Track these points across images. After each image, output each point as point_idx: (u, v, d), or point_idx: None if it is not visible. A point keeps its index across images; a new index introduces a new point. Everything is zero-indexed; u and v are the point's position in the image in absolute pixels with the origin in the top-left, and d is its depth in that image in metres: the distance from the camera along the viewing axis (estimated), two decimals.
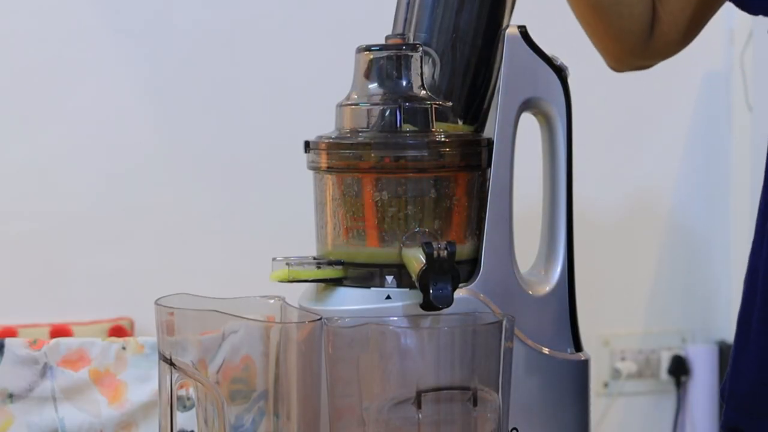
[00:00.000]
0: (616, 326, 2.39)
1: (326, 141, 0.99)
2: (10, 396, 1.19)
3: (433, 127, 0.99)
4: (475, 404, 0.91)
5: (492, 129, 1.01)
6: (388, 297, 0.97)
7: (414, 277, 0.94)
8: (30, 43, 2.12)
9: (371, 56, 1.00)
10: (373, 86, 1.00)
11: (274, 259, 0.99)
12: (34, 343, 1.19)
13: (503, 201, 1.00)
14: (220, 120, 2.19)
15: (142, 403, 1.20)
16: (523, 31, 1.02)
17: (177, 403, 0.96)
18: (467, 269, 0.99)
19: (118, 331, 2.10)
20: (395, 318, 0.96)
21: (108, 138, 2.14)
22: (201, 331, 0.94)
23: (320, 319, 0.94)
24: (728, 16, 2.16)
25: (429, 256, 0.92)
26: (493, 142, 1.00)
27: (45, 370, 1.19)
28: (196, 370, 0.94)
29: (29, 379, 1.19)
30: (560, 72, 1.02)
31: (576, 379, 1.02)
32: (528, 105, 1.02)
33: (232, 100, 2.19)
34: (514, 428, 0.98)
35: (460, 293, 0.95)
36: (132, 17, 2.15)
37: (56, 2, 2.13)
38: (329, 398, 0.94)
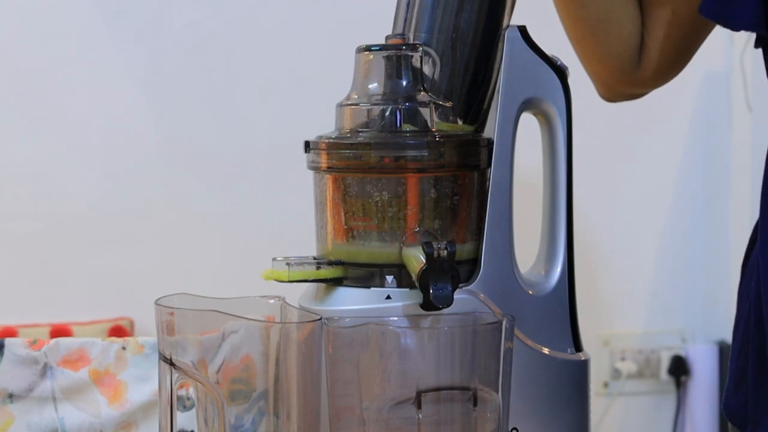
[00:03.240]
0: (616, 326, 2.39)
1: (326, 141, 0.99)
2: (10, 396, 1.19)
3: (433, 127, 0.99)
4: (475, 404, 0.91)
5: (492, 129, 1.01)
6: (388, 297, 0.97)
7: (414, 277, 0.94)
8: (30, 43, 2.11)
9: (371, 56, 1.00)
10: (373, 86, 1.00)
11: (274, 259, 0.99)
12: (34, 343, 1.19)
13: (503, 201, 1.00)
14: (219, 120, 2.19)
15: (142, 403, 1.20)
16: (523, 31, 1.02)
17: (177, 403, 0.96)
18: (467, 269, 0.99)
19: (118, 331, 2.10)
20: (395, 318, 0.96)
21: (108, 138, 2.14)
22: (201, 331, 0.94)
23: (320, 319, 0.94)
24: None
25: (429, 255, 0.92)
26: (493, 141, 1.00)
27: (45, 370, 1.19)
28: (196, 370, 0.94)
29: (29, 379, 1.19)
30: (560, 72, 1.02)
31: (576, 379, 1.02)
32: (528, 105, 1.02)
33: (231, 100, 2.19)
34: (514, 428, 0.98)
35: (460, 293, 0.95)
36: (131, 17, 2.15)
37: (56, 2, 2.12)
38: (329, 398, 0.94)
